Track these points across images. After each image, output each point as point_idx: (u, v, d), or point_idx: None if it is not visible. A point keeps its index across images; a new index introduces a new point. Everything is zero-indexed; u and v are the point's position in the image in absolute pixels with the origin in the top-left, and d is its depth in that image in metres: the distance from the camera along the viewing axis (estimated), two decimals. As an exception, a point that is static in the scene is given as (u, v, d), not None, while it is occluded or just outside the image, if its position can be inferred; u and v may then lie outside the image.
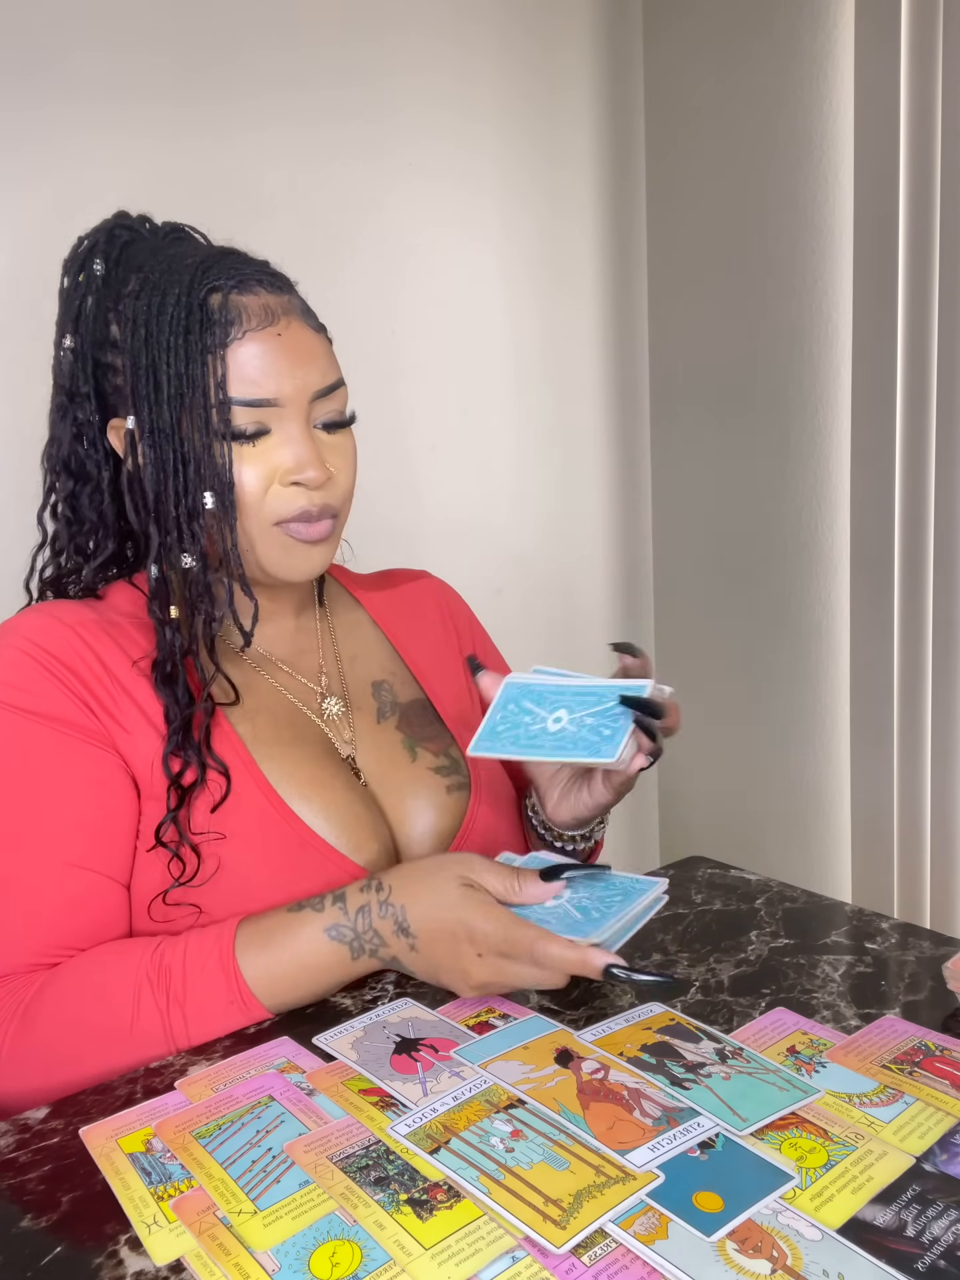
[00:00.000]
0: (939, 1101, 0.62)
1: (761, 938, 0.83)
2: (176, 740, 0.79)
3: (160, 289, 0.78)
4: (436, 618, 1.03)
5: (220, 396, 0.77)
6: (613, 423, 1.79)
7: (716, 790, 1.80)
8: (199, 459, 0.78)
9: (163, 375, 0.77)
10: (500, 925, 0.69)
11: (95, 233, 0.86)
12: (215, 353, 0.77)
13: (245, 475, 0.79)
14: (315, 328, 0.83)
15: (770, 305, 1.58)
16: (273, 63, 1.35)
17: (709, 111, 1.63)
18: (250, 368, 0.78)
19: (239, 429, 0.78)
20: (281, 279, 0.83)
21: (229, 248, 0.85)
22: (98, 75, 1.22)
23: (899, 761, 1.49)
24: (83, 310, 0.84)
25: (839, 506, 1.54)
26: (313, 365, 0.81)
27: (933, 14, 1.31)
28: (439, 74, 1.51)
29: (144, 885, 0.80)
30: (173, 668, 0.81)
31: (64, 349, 0.85)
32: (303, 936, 0.74)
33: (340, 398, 0.84)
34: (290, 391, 0.79)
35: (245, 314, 0.78)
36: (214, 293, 0.78)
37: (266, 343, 0.78)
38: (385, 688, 0.94)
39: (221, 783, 0.80)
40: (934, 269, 1.36)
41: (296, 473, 0.80)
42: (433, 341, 1.56)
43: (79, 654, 0.80)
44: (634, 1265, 0.50)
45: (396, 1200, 0.55)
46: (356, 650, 0.96)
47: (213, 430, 0.77)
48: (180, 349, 0.77)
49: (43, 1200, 0.58)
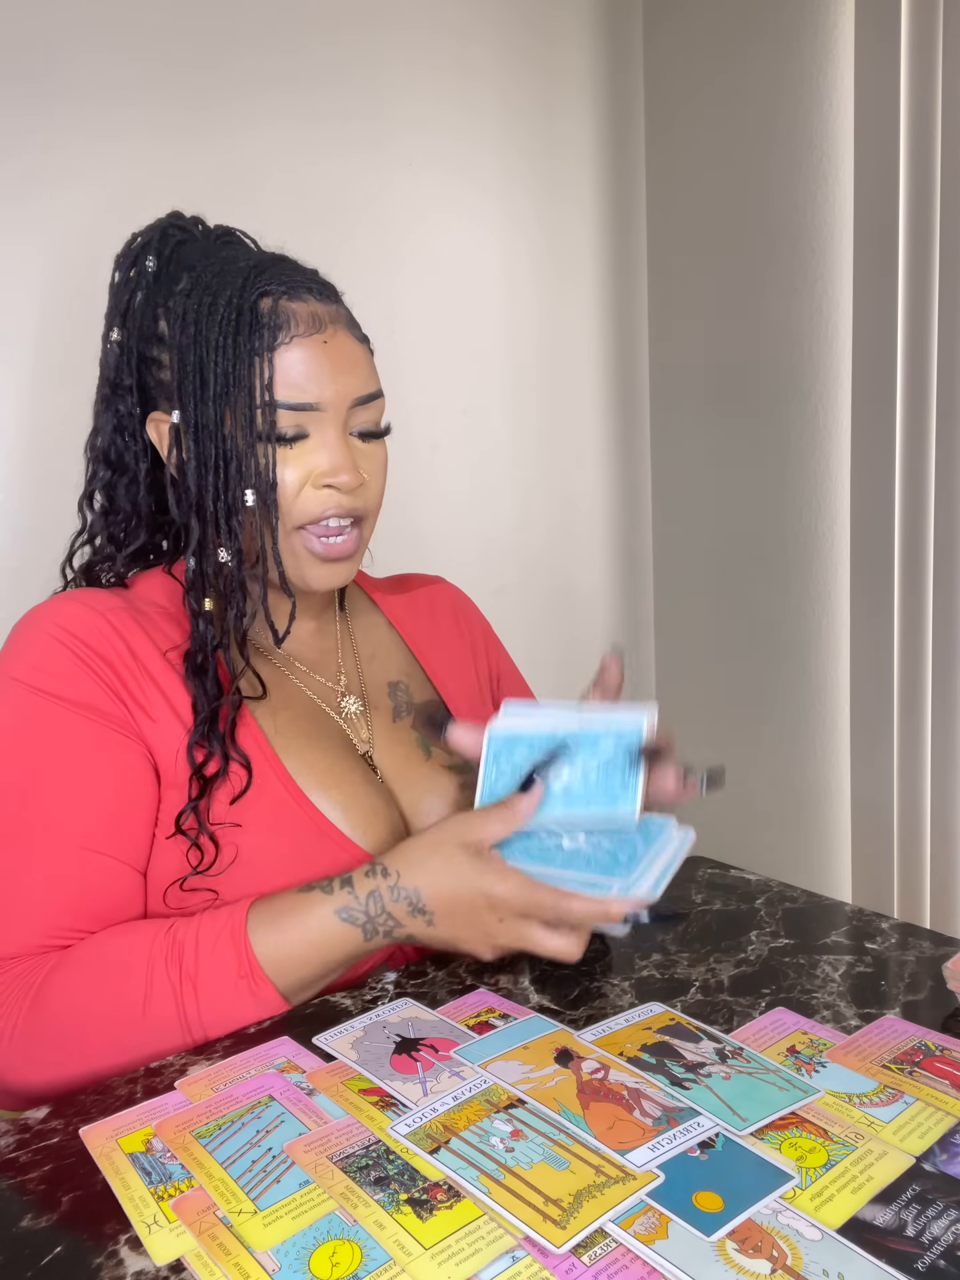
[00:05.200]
0: (939, 1101, 0.62)
1: (761, 938, 0.83)
2: (202, 731, 0.80)
3: (212, 289, 0.80)
4: (450, 622, 1.05)
5: (265, 398, 0.78)
6: (613, 421, 1.79)
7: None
8: (241, 457, 0.79)
9: (209, 373, 0.79)
10: (519, 889, 0.72)
11: (149, 230, 0.87)
12: (263, 355, 0.78)
13: (285, 476, 0.81)
14: (359, 338, 0.85)
15: (770, 304, 1.58)
16: (272, 59, 1.35)
17: (709, 108, 1.63)
18: (295, 372, 0.79)
19: (281, 431, 0.80)
20: (330, 288, 0.85)
21: (280, 254, 0.86)
22: (95, 76, 1.21)
23: (899, 761, 1.49)
24: (131, 305, 0.85)
25: (839, 506, 1.54)
26: (355, 374, 0.82)
27: (932, 12, 1.31)
28: (439, 70, 1.51)
29: (161, 871, 0.81)
30: (203, 659, 0.82)
31: (111, 341, 0.86)
32: (313, 916, 0.75)
33: (378, 408, 0.85)
34: (331, 397, 0.81)
35: (294, 320, 0.80)
36: (265, 297, 0.80)
37: (312, 349, 0.80)
38: (401, 688, 0.96)
39: (242, 775, 0.81)
40: (934, 269, 1.36)
41: (331, 476, 0.81)
42: (433, 340, 1.56)
43: (110, 641, 0.81)
44: (634, 1265, 0.50)
45: (396, 1200, 0.55)
46: (374, 651, 0.98)
47: (256, 431, 0.79)
48: (229, 349, 0.78)
49: (43, 1200, 0.58)
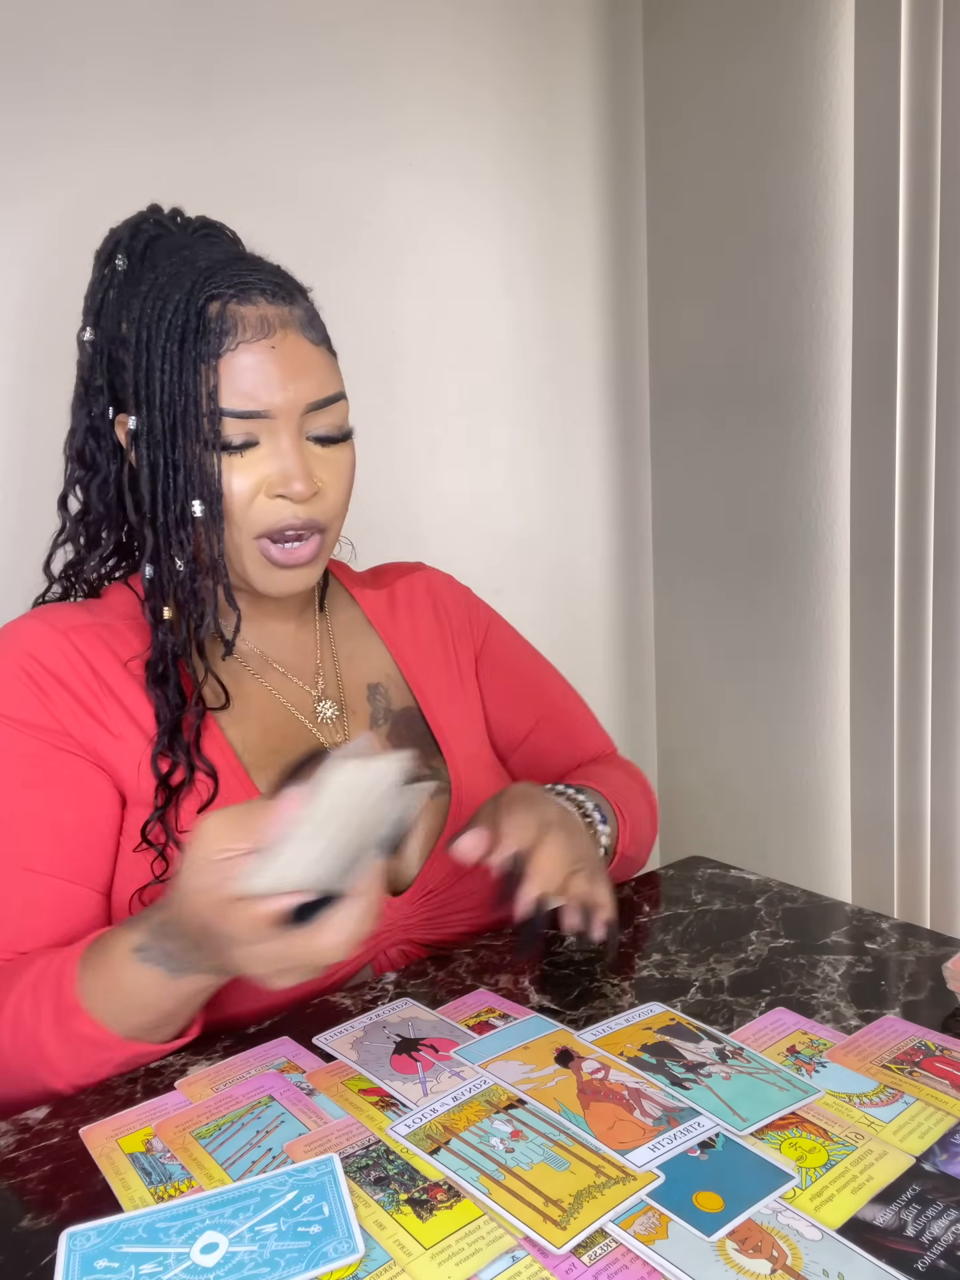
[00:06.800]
0: (939, 1101, 0.62)
1: (761, 938, 0.83)
2: (165, 741, 0.80)
3: (165, 293, 0.78)
4: (428, 612, 1.01)
5: (211, 407, 0.77)
6: (613, 422, 1.79)
7: (716, 790, 1.80)
8: (189, 467, 0.78)
9: (156, 381, 0.77)
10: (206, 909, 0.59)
11: (123, 226, 0.85)
12: (208, 362, 0.77)
13: (234, 485, 0.79)
14: (315, 340, 0.82)
15: (770, 304, 1.58)
16: (272, 61, 1.35)
17: (709, 108, 1.63)
18: (242, 379, 0.78)
19: (227, 439, 0.78)
20: (287, 289, 0.82)
21: (243, 253, 0.85)
22: (96, 76, 1.21)
23: (899, 761, 1.49)
24: (104, 303, 0.84)
25: (839, 506, 1.54)
26: (307, 378, 0.80)
27: (932, 13, 1.31)
28: (439, 72, 1.51)
29: (128, 886, 0.80)
30: (165, 668, 0.81)
31: (84, 340, 0.85)
32: (116, 958, 0.67)
33: (337, 412, 0.83)
34: (282, 404, 0.79)
35: (241, 325, 0.78)
36: (213, 301, 0.78)
37: (259, 354, 0.78)
38: (381, 691, 0.94)
39: (209, 786, 0.80)
40: (934, 269, 1.36)
41: (282, 485, 0.80)
42: (433, 340, 1.56)
43: (69, 661, 0.81)
44: (634, 1265, 0.50)
45: (397, 1200, 0.55)
46: (354, 650, 0.96)
47: (203, 439, 0.77)
48: (175, 356, 0.77)
49: (43, 1200, 0.58)
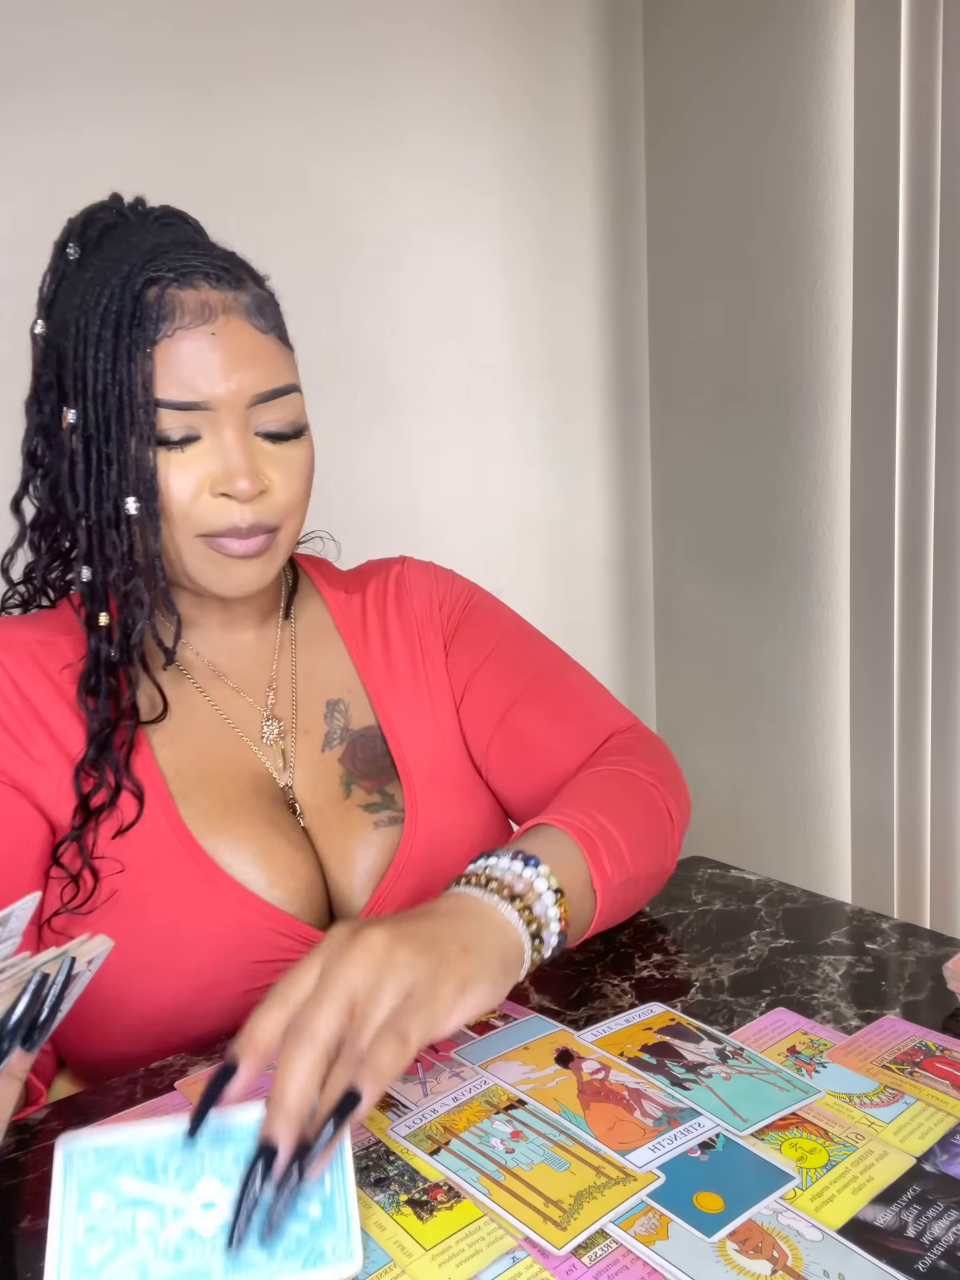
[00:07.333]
0: (939, 1102, 0.62)
1: (761, 938, 0.83)
2: (91, 755, 0.76)
3: (104, 278, 0.73)
4: (395, 614, 0.93)
5: (146, 397, 0.72)
6: (612, 421, 1.79)
7: (716, 790, 1.80)
8: (124, 462, 0.73)
9: (90, 370, 0.72)
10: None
11: (80, 215, 0.80)
12: (144, 350, 0.72)
13: (173, 483, 0.74)
14: (263, 328, 0.76)
15: (770, 303, 1.58)
16: (270, 57, 1.35)
17: (709, 108, 1.63)
18: (180, 368, 0.72)
19: (165, 433, 0.73)
20: (235, 274, 0.76)
21: (195, 239, 0.80)
22: (92, 66, 1.21)
23: (899, 761, 1.49)
24: (56, 295, 0.79)
25: (839, 505, 1.54)
26: (252, 368, 0.74)
27: (932, 12, 1.31)
28: (438, 70, 1.51)
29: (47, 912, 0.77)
30: (98, 679, 0.77)
31: (35, 335, 0.80)
32: None
33: (288, 405, 0.78)
34: (224, 395, 0.73)
35: (180, 309, 0.73)
36: (151, 285, 0.73)
37: (199, 341, 0.73)
38: (340, 709, 0.88)
39: (132, 808, 0.76)
40: (934, 269, 1.36)
41: (225, 484, 0.74)
42: (432, 339, 1.56)
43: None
44: (634, 1266, 0.50)
45: (397, 1201, 0.55)
46: (315, 663, 0.90)
47: (139, 432, 0.72)
48: (110, 343, 0.72)
49: (43, 1200, 0.58)
